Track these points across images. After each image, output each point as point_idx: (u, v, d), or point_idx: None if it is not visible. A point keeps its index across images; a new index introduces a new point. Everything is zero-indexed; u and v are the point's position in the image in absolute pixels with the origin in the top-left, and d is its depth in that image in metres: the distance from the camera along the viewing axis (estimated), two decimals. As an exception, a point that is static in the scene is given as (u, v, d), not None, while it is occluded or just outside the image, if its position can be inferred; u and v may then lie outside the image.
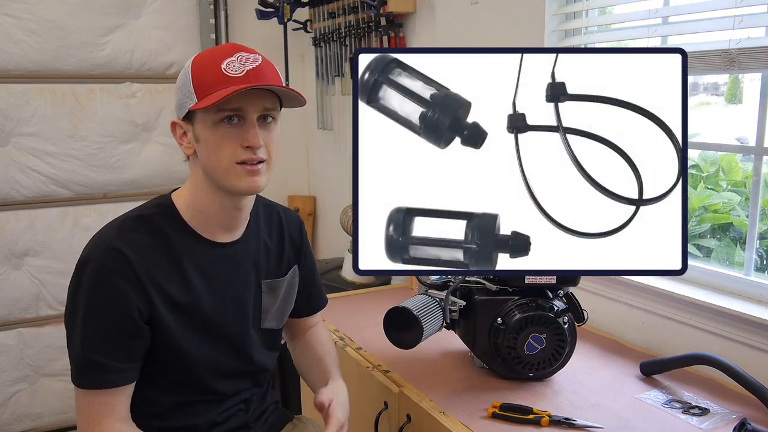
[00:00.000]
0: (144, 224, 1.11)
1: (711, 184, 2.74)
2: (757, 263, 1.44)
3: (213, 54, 1.10)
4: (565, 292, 1.36)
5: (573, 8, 1.70)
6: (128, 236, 1.09)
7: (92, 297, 1.05)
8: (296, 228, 1.33)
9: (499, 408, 1.24)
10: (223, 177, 1.09)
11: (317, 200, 3.20)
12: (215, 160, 1.08)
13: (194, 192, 1.14)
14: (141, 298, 1.07)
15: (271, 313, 1.26)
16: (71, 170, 2.59)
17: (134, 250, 1.07)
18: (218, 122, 1.06)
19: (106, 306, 1.05)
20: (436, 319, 1.31)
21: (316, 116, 2.88)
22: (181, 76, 1.11)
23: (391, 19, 2.27)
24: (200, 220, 1.15)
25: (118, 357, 1.07)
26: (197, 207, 1.14)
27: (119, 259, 1.06)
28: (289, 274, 1.29)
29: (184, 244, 1.13)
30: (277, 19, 2.65)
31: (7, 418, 2.62)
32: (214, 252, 1.16)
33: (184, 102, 1.09)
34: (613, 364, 1.46)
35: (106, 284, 1.05)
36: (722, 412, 1.24)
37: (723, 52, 1.33)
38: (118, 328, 1.06)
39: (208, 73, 1.07)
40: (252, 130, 1.07)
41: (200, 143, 1.09)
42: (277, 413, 1.37)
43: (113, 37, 2.59)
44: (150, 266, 1.08)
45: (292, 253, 1.30)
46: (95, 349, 1.05)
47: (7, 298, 2.55)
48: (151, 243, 1.10)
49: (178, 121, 1.12)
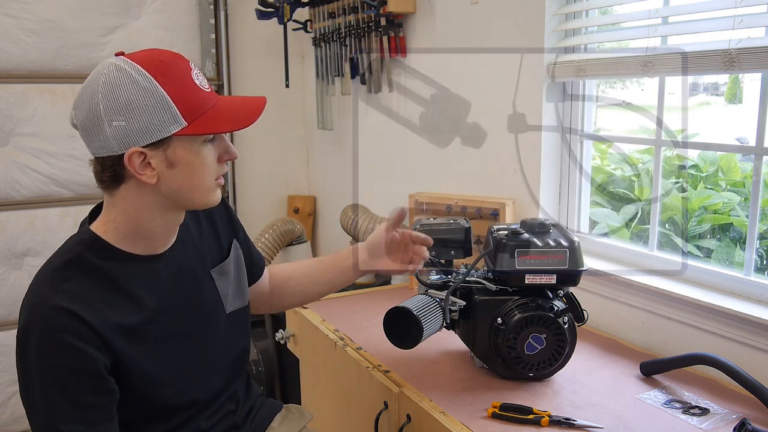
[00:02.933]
0: (74, 268, 1.01)
1: (711, 184, 2.74)
2: (757, 263, 1.44)
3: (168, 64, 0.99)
4: (565, 292, 1.36)
5: (573, 8, 1.70)
6: (63, 288, 0.98)
7: (46, 365, 0.95)
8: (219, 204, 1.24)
9: (499, 408, 1.24)
10: (201, 196, 1.04)
11: (317, 200, 3.20)
12: (198, 182, 1.02)
13: (132, 219, 1.04)
14: (101, 350, 0.97)
15: (231, 295, 1.22)
16: (71, 170, 2.59)
17: (76, 301, 0.96)
18: (203, 143, 1.01)
19: (65, 371, 0.95)
20: (436, 319, 1.31)
21: (316, 116, 2.88)
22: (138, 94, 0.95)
23: (391, 19, 2.27)
24: (134, 242, 1.05)
25: (93, 420, 0.97)
26: (136, 232, 1.05)
27: (66, 318, 0.95)
28: (233, 252, 1.25)
29: (123, 269, 1.04)
30: (277, 19, 2.65)
31: (7, 418, 2.62)
32: (153, 264, 1.08)
33: (158, 126, 0.96)
34: (613, 364, 1.46)
35: (59, 348, 0.95)
36: (722, 412, 1.24)
37: (723, 52, 1.33)
38: (84, 391, 0.97)
39: (187, 91, 0.98)
40: (228, 143, 1.05)
41: (177, 168, 1.00)
42: (265, 405, 1.35)
43: (113, 37, 2.60)
44: (99, 309, 0.98)
45: (225, 230, 1.25)
46: (64, 420, 0.95)
47: (7, 298, 2.55)
48: (89, 284, 1.00)
49: (138, 149, 0.97)
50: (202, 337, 1.16)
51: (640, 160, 2.95)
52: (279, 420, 1.36)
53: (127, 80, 0.96)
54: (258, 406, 1.33)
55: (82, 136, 1.00)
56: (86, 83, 0.99)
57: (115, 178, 1.01)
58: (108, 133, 0.96)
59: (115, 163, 0.99)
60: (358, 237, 2.27)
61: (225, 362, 1.22)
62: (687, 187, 2.66)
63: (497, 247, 1.35)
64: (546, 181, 1.80)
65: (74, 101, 1.00)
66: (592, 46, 1.71)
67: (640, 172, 2.90)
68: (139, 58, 0.99)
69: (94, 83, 0.97)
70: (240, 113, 1.04)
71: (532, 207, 1.83)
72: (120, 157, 0.98)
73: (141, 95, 0.95)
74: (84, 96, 0.98)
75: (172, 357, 1.10)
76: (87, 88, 0.98)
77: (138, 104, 0.95)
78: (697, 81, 2.10)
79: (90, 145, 1.00)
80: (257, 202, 3.10)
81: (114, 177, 1.01)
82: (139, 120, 0.96)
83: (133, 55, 1.00)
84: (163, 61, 0.99)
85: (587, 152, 1.80)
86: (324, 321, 1.76)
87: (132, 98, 0.95)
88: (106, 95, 0.96)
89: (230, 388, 1.24)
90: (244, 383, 1.30)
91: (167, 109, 0.96)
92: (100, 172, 1.02)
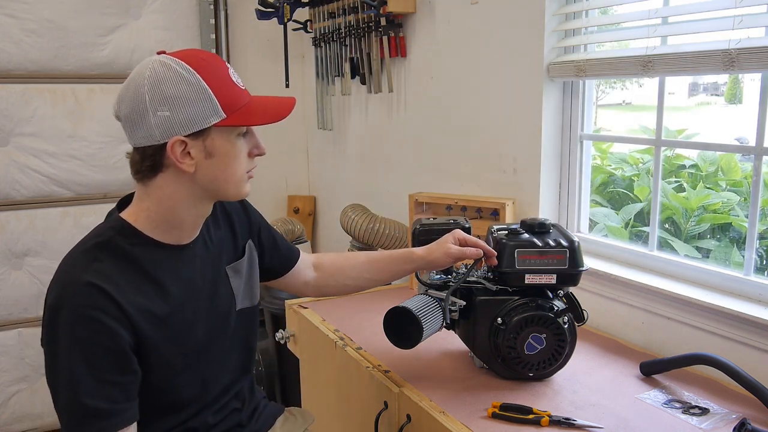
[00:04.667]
0: (105, 250, 1.05)
1: (710, 184, 2.74)
2: (757, 263, 1.44)
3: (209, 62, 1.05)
4: (565, 292, 1.36)
5: (573, 8, 1.70)
6: (94, 267, 1.02)
7: (75, 340, 0.98)
8: (237, 204, 1.31)
9: (499, 408, 1.24)
10: (234, 187, 1.10)
11: (317, 200, 3.20)
12: (231, 172, 1.08)
13: (167, 208, 1.08)
14: (128, 329, 1.02)
15: (241, 293, 1.25)
16: (71, 170, 2.59)
17: (107, 280, 1.01)
18: (238, 135, 1.08)
19: (92, 346, 0.99)
20: (436, 319, 1.31)
21: (316, 116, 2.88)
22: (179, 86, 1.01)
23: (391, 19, 2.27)
24: (164, 231, 1.10)
25: (115, 398, 1.01)
26: (166, 222, 1.09)
27: (96, 294, 0.99)
28: (247, 252, 1.29)
29: (151, 256, 1.09)
30: (277, 19, 2.65)
31: (7, 418, 2.62)
32: (180, 255, 1.13)
33: (200, 116, 1.02)
34: (613, 364, 1.46)
35: (88, 323, 0.98)
36: (722, 412, 1.24)
37: (723, 52, 1.33)
38: (109, 368, 1.00)
39: (226, 86, 1.05)
40: (259, 139, 1.11)
41: (214, 158, 1.05)
42: (269, 407, 1.37)
43: (113, 37, 2.59)
44: (128, 291, 1.03)
45: (241, 229, 1.29)
46: (88, 395, 0.98)
47: (7, 298, 2.55)
48: (119, 267, 1.04)
49: (180, 138, 1.02)
50: (216, 332, 1.19)
51: (641, 159, 2.95)
52: (281, 422, 1.37)
53: (172, 74, 1.01)
54: (262, 408, 1.35)
55: (124, 127, 1.05)
56: (130, 78, 1.05)
57: (153, 168, 1.06)
58: (152, 123, 1.01)
59: (156, 152, 1.04)
60: (359, 237, 2.27)
61: (234, 359, 1.25)
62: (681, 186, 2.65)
63: (497, 247, 1.35)
64: (546, 181, 1.80)
65: (118, 95, 1.06)
66: (592, 46, 1.71)
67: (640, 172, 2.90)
68: (182, 56, 1.04)
69: (140, 77, 1.02)
70: (272, 109, 1.10)
71: (532, 207, 1.83)
72: (162, 146, 1.03)
73: (185, 88, 1.01)
74: (129, 89, 1.03)
75: (189, 348, 1.13)
76: (132, 81, 1.04)
77: (182, 96, 1.01)
78: (697, 81, 2.11)
79: (133, 135, 1.05)
80: (257, 202, 3.06)
81: (153, 166, 1.05)
82: (182, 110, 1.01)
83: (175, 53, 1.06)
84: (203, 59, 1.05)
85: (587, 152, 1.80)
86: (324, 321, 1.76)
87: (177, 90, 1.01)
88: (151, 88, 1.01)
89: (236, 386, 1.26)
90: (250, 383, 1.33)
91: (209, 101, 1.02)
92: (140, 162, 1.06)
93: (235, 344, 1.24)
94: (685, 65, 1.42)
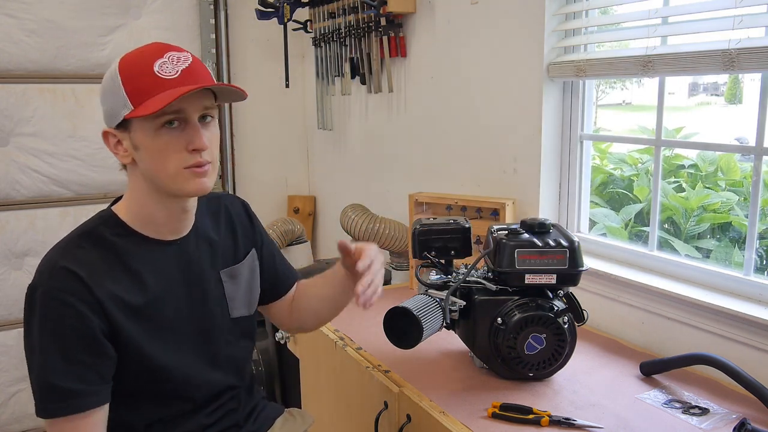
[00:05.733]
0: (88, 238, 1.08)
1: (709, 184, 2.74)
2: (757, 263, 1.44)
3: (141, 55, 1.04)
4: (565, 292, 1.36)
5: (573, 8, 1.70)
6: (73, 253, 1.05)
7: (47, 321, 1.01)
8: (241, 211, 1.29)
9: (499, 408, 1.24)
10: (170, 182, 1.05)
11: (317, 200, 3.20)
12: (160, 166, 1.04)
13: (137, 200, 1.11)
14: (99, 314, 1.03)
15: (238, 300, 1.24)
16: (71, 170, 2.59)
17: (82, 266, 1.03)
18: (159, 128, 1.02)
19: (63, 328, 1.01)
20: (436, 319, 1.31)
21: (316, 116, 2.88)
22: (107, 81, 1.05)
23: (391, 19, 2.27)
24: (146, 225, 1.12)
25: (85, 379, 1.02)
26: (143, 215, 1.11)
27: (69, 279, 1.02)
28: (248, 258, 1.27)
29: (132, 247, 1.10)
30: (277, 19, 2.65)
31: (7, 418, 2.62)
32: (163, 250, 1.13)
33: (116, 109, 1.04)
34: (613, 364, 1.46)
35: (59, 306, 1.01)
36: (722, 412, 1.24)
37: (723, 52, 1.33)
38: (79, 350, 1.02)
39: (141, 77, 1.02)
40: (197, 132, 1.04)
41: (140, 151, 1.05)
42: (268, 408, 1.36)
43: (113, 37, 2.59)
44: (101, 278, 1.04)
45: (244, 236, 1.27)
46: (58, 375, 1.01)
47: (7, 298, 2.55)
48: (98, 255, 1.07)
49: (110, 130, 1.07)
50: (204, 334, 1.18)
51: (639, 160, 2.96)
52: (280, 423, 1.36)
53: (109, 70, 1.06)
54: (260, 408, 1.34)
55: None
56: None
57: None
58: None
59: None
60: (359, 237, 2.28)
61: (227, 364, 1.23)
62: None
63: (497, 247, 1.35)
64: (546, 181, 1.80)
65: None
66: (592, 46, 1.71)
67: (639, 172, 2.91)
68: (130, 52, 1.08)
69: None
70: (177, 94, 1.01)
71: (532, 207, 1.83)
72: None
73: (108, 83, 1.05)
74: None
75: (170, 345, 1.13)
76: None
77: (105, 90, 1.06)
78: (697, 81, 2.11)
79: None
80: (257, 202, 3.07)
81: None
82: (105, 104, 1.06)
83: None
84: (136, 51, 1.07)
85: (587, 152, 1.80)
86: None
87: (104, 85, 1.06)
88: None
89: (232, 390, 1.25)
90: (248, 384, 1.31)
91: (120, 94, 1.03)
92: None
93: (230, 350, 1.23)
94: (685, 65, 1.42)
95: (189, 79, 1.02)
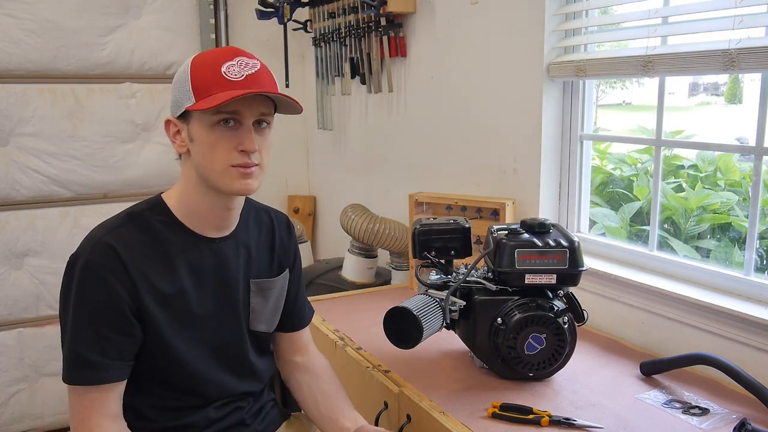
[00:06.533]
0: (133, 220, 1.13)
1: (709, 184, 2.74)
2: (757, 263, 1.44)
3: (214, 56, 1.10)
4: (565, 292, 1.36)
5: (573, 8, 1.70)
6: (117, 231, 1.10)
7: (82, 292, 1.06)
8: (285, 229, 1.32)
9: (499, 408, 1.24)
10: (217, 178, 1.10)
11: (317, 200, 3.20)
12: (209, 160, 1.09)
13: (185, 190, 1.15)
14: (130, 293, 1.07)
15: (262, 314, 1.26)
16: (71, 170, 2.59)
17: (123, 245, 1.08)
18: (215, 124, 1.07)
19: (95, 301, 1.06)
20: (436, 319, 1.31)
21: (316, 116, 2.88)
22: (179, 74, 1.11)
23: (391, 19, 2.27)
24: (191, 218, 1.16)
25: (108, 353, 1.07)
26: (188, 205, 1.15)
27: (108, 254, 1.07)
28: (281, 277, 1.29)
29: (173, 238, 1.14)
30: (277, 19, 2.65)
31: (7, 418, 2.61)
32: (203, 246, 1.16)
33: (180, 100, 1.09)
34: (613, 364, 1.46)
35: (95, 279, 1.06)
36: (722, 412, 1.24)
37: (723, 52, 1.33)
38: (107, 324, 1.07)
39: (208, 74, 1.07)
40: (248, 134, 1.09)
41: (194, 143, 1.10)
42: (275, 411, 1.37)
43: (113, 37, 2.59)
44: (139, 261, 1.09)
45: (282, 254, 1.30)
46: (84, 345, 1.06)
47: (7, 298, 2.54)
48: (141, 238, 1.11)
49: (172, 119, 1.13)
50: (222, 334, 1.20)
51: (639, 160, 2.96)
52: (285, 427, 1.37)
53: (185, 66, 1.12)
54: (268, 409, 1.35)
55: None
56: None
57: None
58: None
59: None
60: (359, 237, 2.27)
61: (242, 370, 1.25)
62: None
63: (497, 247, 1.35)
64: (546, 181, 1.81)
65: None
66: (592, 46, 1.71)
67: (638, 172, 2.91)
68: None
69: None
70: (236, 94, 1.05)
71: (532, 207, 1.83)
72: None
73: (180, 77, 1.11)
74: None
75: (189, 339, 1.15)
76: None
77: (176, 84, 1.11)
78: (697, 81, 2.11)
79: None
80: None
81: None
82: (174, 94, 1.12)
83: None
84: (210, 51, 1.13)
85: (587, 152, 1.80)
86: (324, 321, 1.76)
87: (176, 77, 1.12)
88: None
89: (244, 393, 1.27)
90: (260, 390, 1.32)
91: (186, 87, 1.09)
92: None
93: (245, 357, 1.24)
94: (685, 65, 1.42)
95: (251, 83, 1.08)
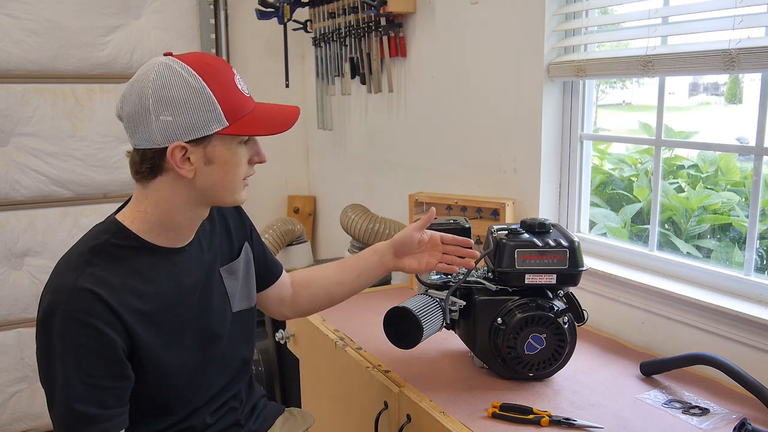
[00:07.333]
0: (99, 254, 1.05)
1: (710, 184, 2.74)
2: (757, 263, 1.44)
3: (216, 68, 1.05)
4: (565, 292, 1.36)
5: (573, 8, 1.70)
6: (89, 272, 1.02)
7: (68, 345, 0.99)
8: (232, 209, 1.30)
9: (499, 408, 1.24)
10: (229, 194, 1.09)
11: (317, 200, 3.20)
12: (231, 179, 1.07)
13: (163, 210, 1.08)
14: (120, 333, 1.02)
15: (238, 295, 1.25)
16: (71, 170, 2.59)
17: (101, 285, 1.01)
18: (240, 143, 1.07)
19: (84, 352, 0.99)
20: (436, 319, 1.31)
21: (316, 116, 2.88)
22: (183, 91, 1.00)
23: (391, 19, 2.27)
24: (159, 234, 1.10)
25: (106, 403, 1.01)
26: (163, 224, 1.09)
27: (89, 299, 0.99)
28: (243, 253, 1.28)
29: (145, 258, 1.09)
30: (277, 19, 2.65)
31: (7, 418, 2.62)
32: (175, 257, 1.13)
33: (201, 123, 1.01)
34: (613, 364, 1.46)
35: (81, 329, 0.99)
36: (722, 412, 1.24)
37: (723, 52, 1.33)
38: (101, 373, 1.00)
39: (230, 93, 1.04)
40: (260, 146, 1.11)
41: (213, 165, 1.05)
42: (269, 407, 1.37)
43: (113, 37, 2.59)
44: (119, 294, 1.03)
45: (237, 231, 1.29)
46: (80, 400, 0.99)
47: (7, 298, 2.55)
48: (113, 270, 1.04)
49: (185, 144, 1.02)
50: (210, 333, 1.19)
51: (639, 160, 2.95)
52: (281, 422, 1.37)
53: (177, 78, 1.01)
54: (261, 407, 1.35)
55: (126, 127, 1.05)
56: (135, 78, 1.04)
57: (152, 170, 1.05)
58: (154, 127, 1.01)
59: (156, 155, 1.03)
60: (359, 237, 2.27)
61: (230, 361, 1.24)
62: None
63: (497, 247, 1.35)
64: (546, 181, 1.80)
65: (121, 95, 1.05)
66: (592, 46, 1.71)
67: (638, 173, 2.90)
68: (187, 60, 1.03)
69: (144, 79, 1.02)
70: (277, 119, 1.10)
71: (532, 207, 1.83)
72: (162, 150, 1.02)
73: (189, 93, 1.00)
74: (133, 90, 1.02)
75: (183, 348, 1.13)
76: (136, 82, 1.03)
77: (186, 102, 1.00)
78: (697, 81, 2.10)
79: (134, 136, 1.04)
80: (257, 201, 3.10)
81: (152, 168, 1.05)
82: (185, 116, 1.01)
83: (181, 56, 1.04)
84: (210, 63, 1.04)
85: (587, 152, 1.80)
86: (324, 321, 1.76)
87: (181, 96, 1.00)
88: (155, 91, 1.00)
89: (234, 387, 1.26)
90: (248, 382, 1.33)
91: (213, 109, 1.01)
92: (139, 163, 1.05)
93: (232, 345, 1.24)
94: (685, 65, 1.42)
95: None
